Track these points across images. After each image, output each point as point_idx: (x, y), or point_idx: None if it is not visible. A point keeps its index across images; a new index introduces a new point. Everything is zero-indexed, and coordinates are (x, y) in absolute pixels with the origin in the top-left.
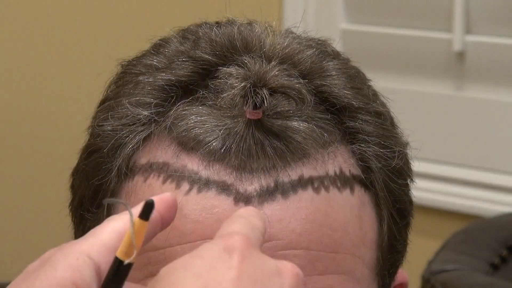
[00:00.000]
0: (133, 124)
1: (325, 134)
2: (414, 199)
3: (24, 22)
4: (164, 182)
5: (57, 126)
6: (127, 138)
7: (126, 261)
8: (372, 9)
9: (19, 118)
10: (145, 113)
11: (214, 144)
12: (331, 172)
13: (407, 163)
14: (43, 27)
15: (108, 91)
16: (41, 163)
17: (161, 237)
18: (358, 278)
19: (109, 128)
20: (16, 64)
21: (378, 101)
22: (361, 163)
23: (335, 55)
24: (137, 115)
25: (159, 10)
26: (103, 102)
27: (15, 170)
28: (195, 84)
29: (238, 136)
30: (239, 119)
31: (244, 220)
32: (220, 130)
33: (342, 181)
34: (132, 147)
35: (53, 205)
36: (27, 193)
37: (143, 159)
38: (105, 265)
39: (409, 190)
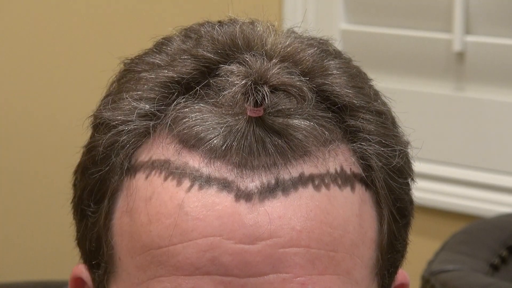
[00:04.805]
0: (135, 121)
1: (326, 132)
2: (414, 199)
3: (27, 21)
4: (165, 179)
5: (60, 124)
6: (129, 135)
7: None
8: (372, 9)
9: (23, 117)
10: (147, 109)
11: (215, 141)
12: (332, 170)
13: (408, 163)
14: (46, 26)
15: (111, 89)
16: (43, 162)
17: (163, 235)
18: (356, 279)
19: (110, 124)
20: (19, 64)
21: (379, 100)
22: (362, 161)
23: (337, 54)
24: (139, 111)
25: (162, 10)
26: (105, 98)
27: (16, 170)
28: (197, 81)
29: (239, 134)
30: (240, 116)
31: None
32: (221, 128)
33: (343, 179)
34: (134, 144)
35: (54, 204)
36: (28, 192)
37: (144, 156)
38: None
39: (410, 189)
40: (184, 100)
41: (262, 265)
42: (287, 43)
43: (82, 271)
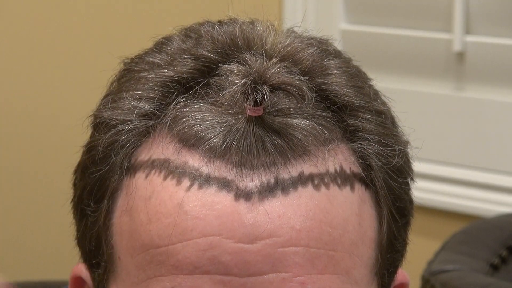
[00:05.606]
0: (135, 120)
1: (326, 132)
2: (414, 199)
3: (27, 21)
4: (165, 178)
5: (60, 124)
6: (128, 134)
7: None
8: (372, 9)
9: (23, 117)
10: (146, 109)
11: (215, 141)
12: (331, 170)
13: (407, 162)
14: (46, 26)
15: (111, 88)
16: (43, 162)
17: (163, 234)
18: (356, 279)
19: (110, 123)
20: (19, 64)
21: (379, 100)
22: (361, 161)
23: (337, 54)
24: (139, 110)
25: (162, 10)
26: (105, 98)
27: (16, 170)
28: (197, 81)
29: (238, 133)
30: (240, 116)
31: None
32: (221, 127)
33: (343, 178)
34: (134, 143)
35: (54, 204)
36: (28, 192)
37: (144, 155)
38: None
39: (410, 189)
40: (184, 99)
41: (262, 265)
42: (287, 42)
43: (82, 270)
